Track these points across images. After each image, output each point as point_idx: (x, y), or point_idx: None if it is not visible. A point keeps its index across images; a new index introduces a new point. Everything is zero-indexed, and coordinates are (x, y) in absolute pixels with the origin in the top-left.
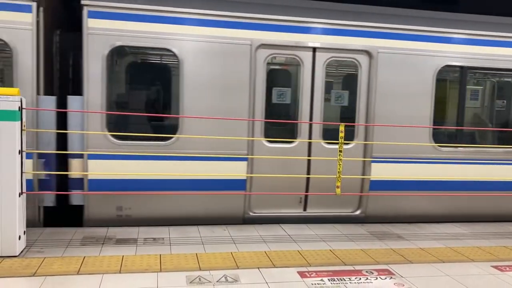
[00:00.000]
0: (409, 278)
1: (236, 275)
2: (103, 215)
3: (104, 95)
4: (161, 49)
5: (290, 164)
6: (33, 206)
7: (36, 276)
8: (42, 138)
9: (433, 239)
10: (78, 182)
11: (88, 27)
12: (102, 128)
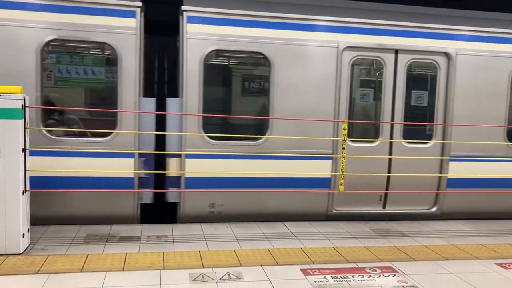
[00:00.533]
0: (412, 275)
1: (239, 273)
2: (196, 212)
3: (200, 97)
4: (254, 52)
5: (372, 163)
6: (132, 203)
7: (39, 273)
8: (142, 138)
9: (437, 236)
10: (175, 180)
11: (187, 32)
12: (198, 129)
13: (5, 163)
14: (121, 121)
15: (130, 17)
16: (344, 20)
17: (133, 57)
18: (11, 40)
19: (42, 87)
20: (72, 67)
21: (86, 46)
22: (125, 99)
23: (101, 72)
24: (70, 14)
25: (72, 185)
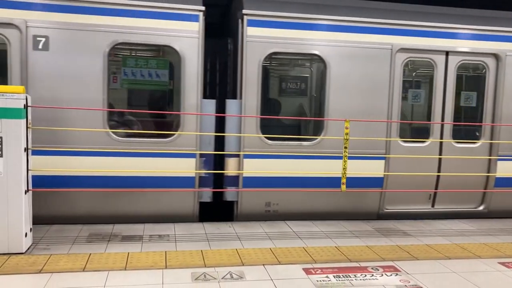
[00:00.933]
0: (415, 274)
1: (241, 272)
2: (253, 211)
3: (259, 99)
4: (310, 54)
5: (422, 162)
6: (192, 201)
7: (42, 273)
8: (203, 138)
9: (439, 235)
10: (233, 180)
11: (247, 35)
12: (257, 130)
13: (7, 162)
14: (184, 122)
15: (193, 21)
16: (397, 23)
17: (196, 60)
18: (80, 43)
19: (108, 89)
20: (137, 70)
21: (150, 49)
22: (188, 101)
23: (165, 74)
24: (136, 18)
25: (136, 184)
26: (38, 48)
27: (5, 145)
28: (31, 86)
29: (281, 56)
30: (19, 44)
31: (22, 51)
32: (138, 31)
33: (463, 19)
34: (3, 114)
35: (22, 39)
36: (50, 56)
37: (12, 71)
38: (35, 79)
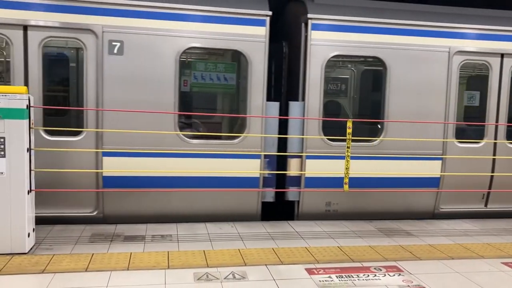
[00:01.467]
0: (417, 275)
1: (244, 272)
2: (313, 210)
3: (321, 101)
4: (371, 57)
5: (477, 163)
6: (256, 201)
7: (45, 273)
8: (267, 139)
9: (442, 235)
10: (295, 180)
11: (311, 38)
12: (319, 131)
13: (10, 162)
14: (250, 124)
15: (261, 25)
16: (454, 26)
17: (262, 64)
18: (153, 48)
19: (179, 92)
20: (206, 73)
21: (219, 53)
22: (254, 103)
23: (233, 78)
24: (206, 23)
25: (202, 184)
26: (113, 53)
27: (8, 146)
28: (106, 89)
29: (345, 59)
30: (95, 49)
31: (98, 56)
32: (208, 36)
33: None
34: (6, 114)
35: (98, 44)
36: (125, 60)
37: (88, 74)
38: (110, 83)
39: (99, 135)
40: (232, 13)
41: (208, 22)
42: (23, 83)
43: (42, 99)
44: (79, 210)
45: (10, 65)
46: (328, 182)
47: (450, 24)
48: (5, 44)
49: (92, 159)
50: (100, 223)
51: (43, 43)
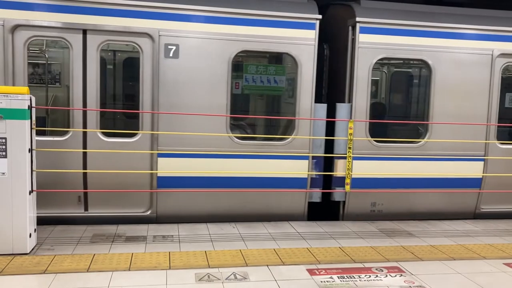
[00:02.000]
0: (419, 275)
1: (245, 273)
2: (358, 211)
3: (368, 103)
4: (416, 60)
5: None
6: (303, 201)
7: (46, 273)
8: (314, 141)
9: (444, 236)
10: (341, 181)
11: (359, 41)
12: (365, 132)
13: (12, 163)
14: (298, 126)
15: (310, 29)
16: (497, 29)
17: (311, 66)
18: (206, 51)
19: (231, 94)
20: (257, 76)
21: (269, 56)
22: (303, 105)
23: (282, 80)
24: (258, 27)
25: (252, 185)
26: (169, 56)
27: (10, 146)
28: (162, 91)
29: (391, 62)
30: (151, 52)
31: (154, 59)
32: (259, 39)
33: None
34: (8, 115)
35: (154, 48)
36: (180, 64)
37: (144, 77)
38: (166, 85)
39: (154, 136)
40: (283, 17)
41: (259, 26)
42: (81, 85)
43: (99, 101)
44: (133, 210)
45: (69, 68)
46: (374, 183)
47: (493, 27)
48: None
49: (147, 160)
50: (153, 222)
51: (101, 47)
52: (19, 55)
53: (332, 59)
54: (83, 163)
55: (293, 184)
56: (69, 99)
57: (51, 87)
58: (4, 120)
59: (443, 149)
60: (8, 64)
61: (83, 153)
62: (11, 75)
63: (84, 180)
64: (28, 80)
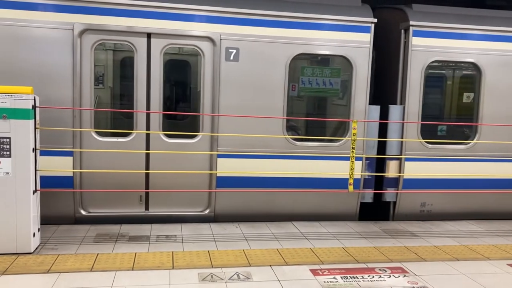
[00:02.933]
0: (423, 276)
1: (248, 273)
2: (408, 211)
3: (420, 104)
4: (467, 62)
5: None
6: (355, 202)
7: (50, 272)
8: (368, 142)
9: (447, 236)
10: (393, 181)
11: (413, 44)
12: (417, 134)
13: (16, 162)
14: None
15: (366, 32)
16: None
17: (366, 69)
18: (265, 54)
19: (288, 97)
20: (313, 78)
21: (325, 59)
22: (357, 107)
23: (337, 82)
24: (315, 30)
25: (305, 185)
26: (230, 59)
27: (14, 146)
28: (223, 94)
29: (442, 64)
30: (212, 55)
31: (215, 62)
32: (316, 42)
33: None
34: (12, 114)
35: (215, 51)
36: (239, 67)
37: (204, 80)
38: (226, 88)
39: (214, 138)
40: (340, 20)
41: (316, 29)
42: (145, 88)
43: (162, 103)
44: (191, 209)
45: (133, 71)
46: (425, 184)
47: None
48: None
49: (207, 160)
50: (211, 221)
51: (164, 50)
52: (86, 58)
53: (380, 61)
54: (146, 163)
55: (345, 184)
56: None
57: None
58: (8, 119)
59: (491, 150)
60: (76, 66)
61: (146, 153)
62: (79, 77)
63: (146, 180)
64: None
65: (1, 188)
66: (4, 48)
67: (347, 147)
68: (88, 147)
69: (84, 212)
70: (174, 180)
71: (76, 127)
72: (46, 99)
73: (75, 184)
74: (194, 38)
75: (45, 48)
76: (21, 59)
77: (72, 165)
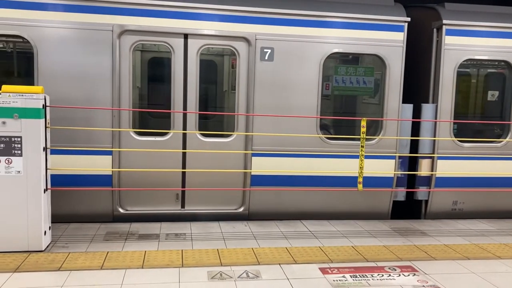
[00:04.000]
0: (433, 275)
1: (257, 271)
2: (440, 209)
3: (453, 103)
4: (498, 60)
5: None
6: (388, 200)
7: (61, 270)
8: (401, 141)
9: (458, 235)
10: (425, 180)
11: (445, 43)
12: (450, 132)
13: (27, 162)
14: (386, 126)
15: (399, 31)
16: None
17: (399, 67)
18: (299, 54)
19: (322, 96)
20: (346, 77)
21: (358, 58)
22: (390, 105)
23: (371, 81)
24: (349, 29)
25: (337, 183)
26: (265, 59)
27: (25, 145)
28: (257, 94)
29: (473, 63)
30: (247, 55)
31: (250, 62)
32: (349, 41)
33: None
34: (23, 114)
35: (250, 51)
36: (274, 66)
37: (240, 79)
38: (261, 88)
39: (249, 137)
40: (373, 19)
41: (350, 29)
42: (182, 88)
43: (198, 103)
44: (226, 207)
45: (171, 71)
46: (457, 182)
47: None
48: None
49: (241, 159)
50: (245, 219)
51: (200, 50)
52: (125, 58)
53: (410, 59)
54: (182, 162)
55: (379, 183)
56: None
57: None
58: (19, 119)
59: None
60: (115, 67)
61: (183, 152)
62: (118, 78)
63: (183, 178)
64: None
65: (13, 186)
66: (48, 50)
67: (381, 146)
68: (127, 146)
69: (122, 210)
70: (210, 179)
71: (115, 127)
72: (87, 99)
73: (113, 182)
74: (230, 39)
75: (86, 50)
76: (63, 61)
77: (111, 164)
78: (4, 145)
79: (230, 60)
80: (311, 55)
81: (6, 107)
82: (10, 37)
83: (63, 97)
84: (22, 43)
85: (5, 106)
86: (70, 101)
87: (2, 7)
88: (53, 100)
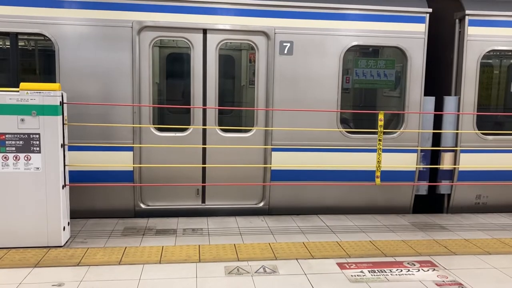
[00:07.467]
0: (453, 270)
1: (275, 266)
2: (463, 203)
3: (476, 95)
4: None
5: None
6: (410, 194)
7: (80, 265)
8: (423, 134)
9: (479, 229)
10: (448, 174)
11: (468, 34)
12: (473, 125)
13: (45, 158)
14: (407, 119)
15: (420, 22)
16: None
17: (420, 59)
18: (319, 47)
19: (342, 89)
20: (367, 70)
21: (378, 50)
22: (412, 98)
23: (392, 74)
24: (369, 21)
25: (358, 177)
26: (284, 53)
27: (43, 141)
28: (277, 88)
29: (498, 54)
30: (266, 50)
31: (269, 56)
32: (369, 33)
33: None
34: (41, 111)
35: (269, 45)
36: (293, 60)
37: (259, 73)
38: (281, 82)
39: (268, 131)
40: (394, 11)
41: (370, 21)
42: (201, 83)
43: (218, 98)
44: (246, 202)
45: (190, 67)
46: (480, 176)
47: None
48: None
49: (261, 154)
50: (265, 214)
51: (219, 45)
52: (145, 54)
53: (430, 51)
54: (203, 157)
55: (401, 177)
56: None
57: None
58: (37, 116)
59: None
60: (135, 64)
61: (203, 147)
62: (138, 74)
63: (203, 173)
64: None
65: (32, 183)
66: (69, 47)
67: (403, 139)
68: (147, 142)
69: (143, 205)
70: (230, 174)
71: (136, 123)
72: (107, 96)
73: (135, 178)
74: (249, 33)
75: (106, 46)
76: (84, 58)
77: (133, 159)
78: (23, 142)
79: (248, 54)
80: (330, 48)
81: (25, 105)
82: (32, 35)
83: (84, 93)
84: (43, 41)
85: (24, 104)
86: (91, 97)
87: (24, 5)
88: (74, 97)
